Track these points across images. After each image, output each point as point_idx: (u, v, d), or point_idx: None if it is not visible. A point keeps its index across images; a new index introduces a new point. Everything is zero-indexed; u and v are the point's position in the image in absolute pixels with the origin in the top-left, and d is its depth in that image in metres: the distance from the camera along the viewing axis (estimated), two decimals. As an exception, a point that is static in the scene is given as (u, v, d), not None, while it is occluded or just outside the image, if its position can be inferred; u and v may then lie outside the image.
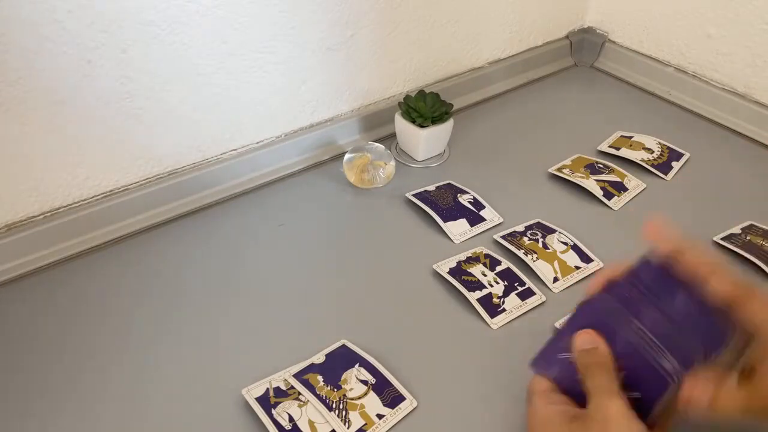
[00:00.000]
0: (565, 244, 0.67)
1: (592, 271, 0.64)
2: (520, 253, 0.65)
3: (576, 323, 0.44)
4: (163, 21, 0.62)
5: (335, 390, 0.51)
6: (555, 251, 0.66)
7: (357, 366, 0.54)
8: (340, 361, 0.54)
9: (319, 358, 0.54)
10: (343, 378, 0.52)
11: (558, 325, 0.57)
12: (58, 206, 0.66)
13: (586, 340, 0.42)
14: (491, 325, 0.58)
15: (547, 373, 0.45)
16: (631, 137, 0.84)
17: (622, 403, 0.39)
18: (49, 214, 0.66)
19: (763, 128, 0.85)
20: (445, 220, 0.70)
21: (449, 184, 0.76)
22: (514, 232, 0.68)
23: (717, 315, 0.40)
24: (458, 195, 0.74)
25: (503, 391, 0.53)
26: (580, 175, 0.76)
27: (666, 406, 0.40)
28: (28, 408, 0.52)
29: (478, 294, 0.60)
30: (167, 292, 0.63)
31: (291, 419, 0.49)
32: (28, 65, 0.57)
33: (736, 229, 0.69)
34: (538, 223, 0.70)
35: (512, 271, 0.63)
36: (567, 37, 1.03)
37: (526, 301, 0.61)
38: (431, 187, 0.75)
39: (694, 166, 0.81)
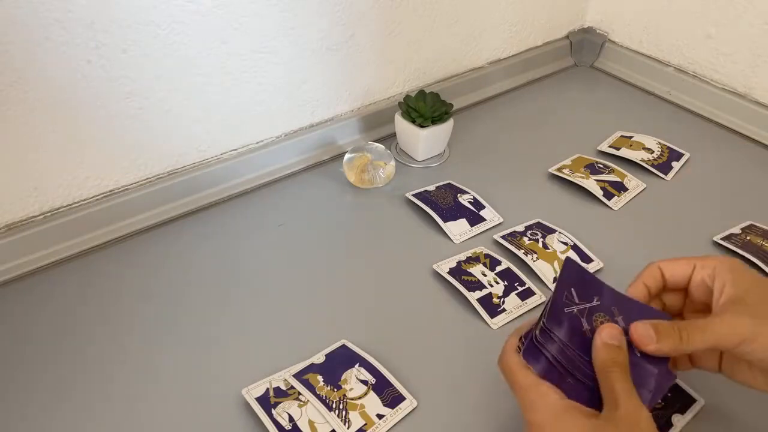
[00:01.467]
0: (565, 244, 0.67)
1: (592, 271, 0.64)
2: (520, 253, 0.65)
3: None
4: (163, 21, 0.62)
5: (335, 390, 0.51)
6: (555, 251, 0.66)
7: (357, 366, 0.54)
8: (340, 361, 0.54)
9: (319, 358, 0.54)
10: (343, 378, 0.52)
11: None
12: (58, 206, 0.66)
13: (614, 335, 0.40)
14: (491, 325, 0.58)
15: (555, 330, 0.42)
16: (631, 137, 0.84)
17: (648, 412, 0.38)
18: (49, 214, 0.66)
19: (763, 128, 0.85)
20: (445, 220, 0.70)
21: (449, 184, 0.76)
22: (514, 232, 0.68)
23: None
24: (458, 195, 0.74)
25: (503, 391, 0.53)
26: (580, 175, 0.76)
27: None
28: (28, 407, 0.52)
29: (478, 294, 0.60)
30: (167, 292, 0.63)
31: (291, 419, 0.49)
32: (28, 65, 0.57)
33: (736, 229, 0.69)
34: (538, 223, 0.70)
35: (512, 271, 0.63)
36: (567, 37, 1.03)
37: (526, 301, 0.61)
38: (431, 187, 0.75)
39: (694, 166, 0.81)
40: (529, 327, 0.45)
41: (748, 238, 0.67)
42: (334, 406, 0.50)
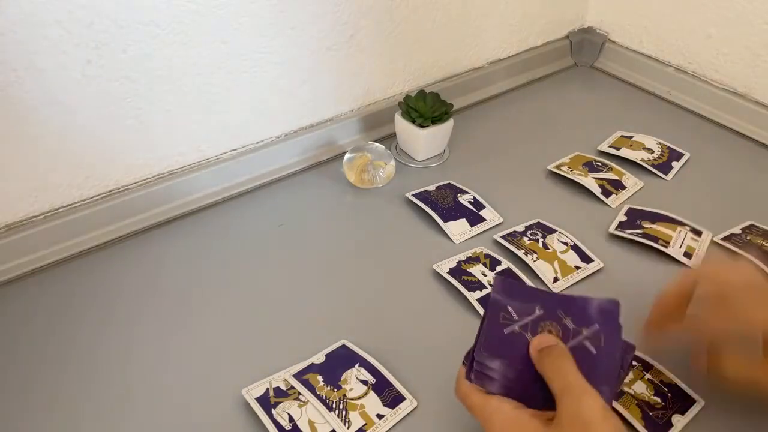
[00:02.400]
0: (565, 244, 0.67)
1: (592, 271, 0.64)
2: (520, 253, 0.65)
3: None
4: (163, 21, 0.62)
5: (335, 390, 0.51)
6: (555, 251, 0.66)
7: (357, 366, 0.54)
8: (340, 361, 0.54)
9: (319, 358, 0.54)
10: (343, 378, 0.52)
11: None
12: (58, 206, 0.66)
13: (543, 340, 0.41)
14: (491, 325, 0.58)
15: (484, 382, 0.43)
16: (631, 137, 0.84)
17: (597, 400, 0.37)
18: (49, 214, 0.66)
19: (763, 128, 0.85)
20: (445, 220, 0.70)
21: (449, 184, 0.76)
22: (514, 232, 0.68)
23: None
24: (458, 195, 0.74)
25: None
26: (578, 172, 0.76)
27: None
28: (28, 407, 0.52)
29: (478, 294, 0.60)
30: (167, 292, 0.63)
31: (291, 419, 0.49)
32: (28, 65, 0.57)
33: (736, 229, 0.69)
34: (538, 223, 0.70)
35: (512, 271, 0.63)
36: (567, 37, 1.03)
37: (526, 301, 0.60)
38: (431, 187, 0.75)
39: (694, 166, 0.81)
40: (469, 348, 0.45)
41: (748, 238, 0.67)
42: (334, 406, 0.50)
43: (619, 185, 0.75)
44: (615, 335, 0.43)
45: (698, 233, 0.68)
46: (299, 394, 0.51)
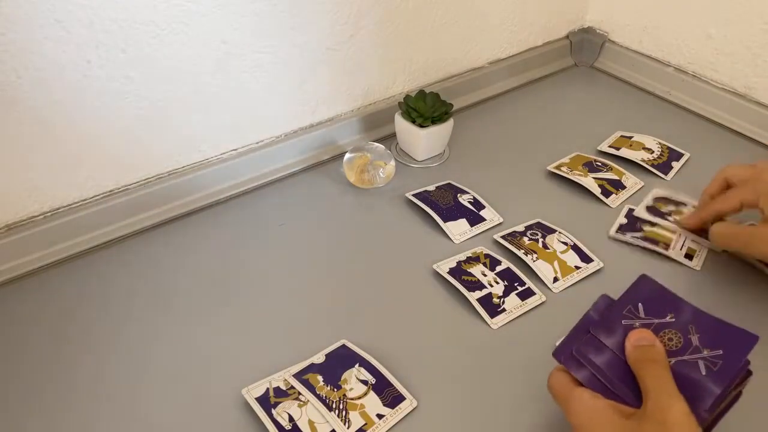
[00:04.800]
0: (565, 244, 0.67)
1: (592, 271, 0.64)
2: (520, 253, 0.65)
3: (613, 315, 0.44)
4: (163, 21, 0.62)
5: (335, 390, 0.51)
6: (555, 251, 0.66)
7: (357, 366, 0.54)
8: (340, 361, 0.54)
9: (319, 358, 0.54)
10: (343, 378, 0.52)
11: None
12: (58, 206, 0.66)
13: (642, 337, 0.42)
14: (491, 325, 0.58)
15: (575, 366, 0.43)
16: (631, 137, 0.84)
17: (684, 406, 0.37)
18: (49, 214, 0.66)
19: (763, 128, 0.85)
20: (445, 220, 0.70)
21: (449, 184, 0.76)
22: (514, 232, 0.68)
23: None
24: (458, 195, 0.74)
25: (503, 391, 0.53)
26: (578, 173, 0.76)
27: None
28: (27, 407, 0.52)
29: (478, 294, 0.60)
30: (167, 292, 0.63)
31: (291, 419, 0.49)
32: (28, 65, 0.57)
33: (736, 229, 0.69)
34: (538, 223, 0.70)
35: (512, 271, 0.63)
36: (567, 37, 1.03)
37: (526, 301, 0.61)
38: (431, 187, 0.75)
39: (694, 166, 0.81)
40: (563, 338, 0.45)
41: (748, 238, 0.67)
42: (334, 406, 0.50)
43: (619, 185, 0.75)
44: (734, 367, 0.41)
45: (698, 233, 0.68)
46: (299, 394, 0.51)
